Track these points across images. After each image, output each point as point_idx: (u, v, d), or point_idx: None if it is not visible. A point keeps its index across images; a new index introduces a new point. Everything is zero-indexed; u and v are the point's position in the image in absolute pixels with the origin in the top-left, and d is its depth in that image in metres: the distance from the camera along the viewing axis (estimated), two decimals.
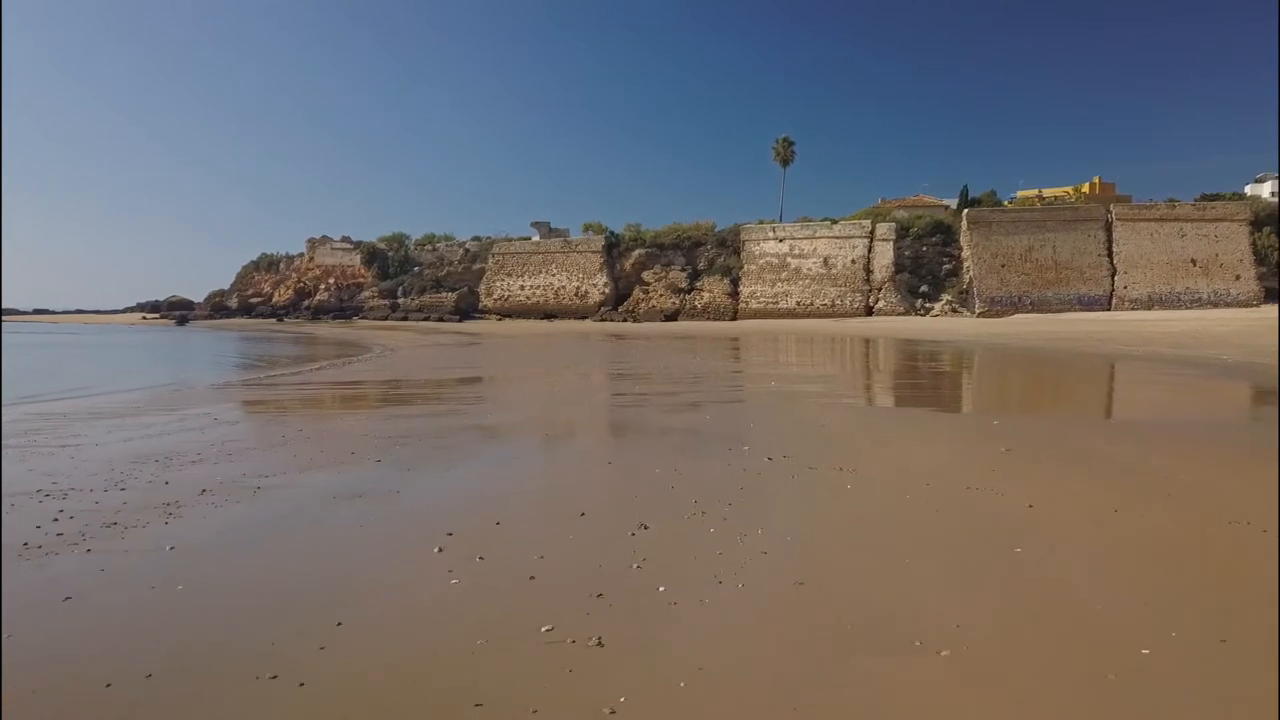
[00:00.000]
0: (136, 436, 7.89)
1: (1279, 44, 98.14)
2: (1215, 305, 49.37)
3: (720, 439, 7.60)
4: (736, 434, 7.91)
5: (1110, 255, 52.92)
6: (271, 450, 7.22)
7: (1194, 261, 51.73)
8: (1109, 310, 50.88)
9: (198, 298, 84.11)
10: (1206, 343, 23.04)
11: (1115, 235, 52.95)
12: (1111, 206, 54.10)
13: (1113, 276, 52.56)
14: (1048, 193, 64.87)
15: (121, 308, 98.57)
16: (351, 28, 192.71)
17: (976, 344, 27.23)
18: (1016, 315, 50.35)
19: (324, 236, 76.93)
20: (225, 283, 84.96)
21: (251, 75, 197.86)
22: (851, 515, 4.85)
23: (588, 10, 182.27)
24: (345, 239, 76.10)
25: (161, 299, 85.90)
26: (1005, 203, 61.61)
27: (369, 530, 4.59)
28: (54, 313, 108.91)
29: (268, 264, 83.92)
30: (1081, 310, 50.90)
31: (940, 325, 43.50)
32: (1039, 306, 51.89)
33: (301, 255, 79.30)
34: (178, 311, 75.68)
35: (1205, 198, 54.97)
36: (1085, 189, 63.42)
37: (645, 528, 4.47)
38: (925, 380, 16.31)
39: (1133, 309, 50.26)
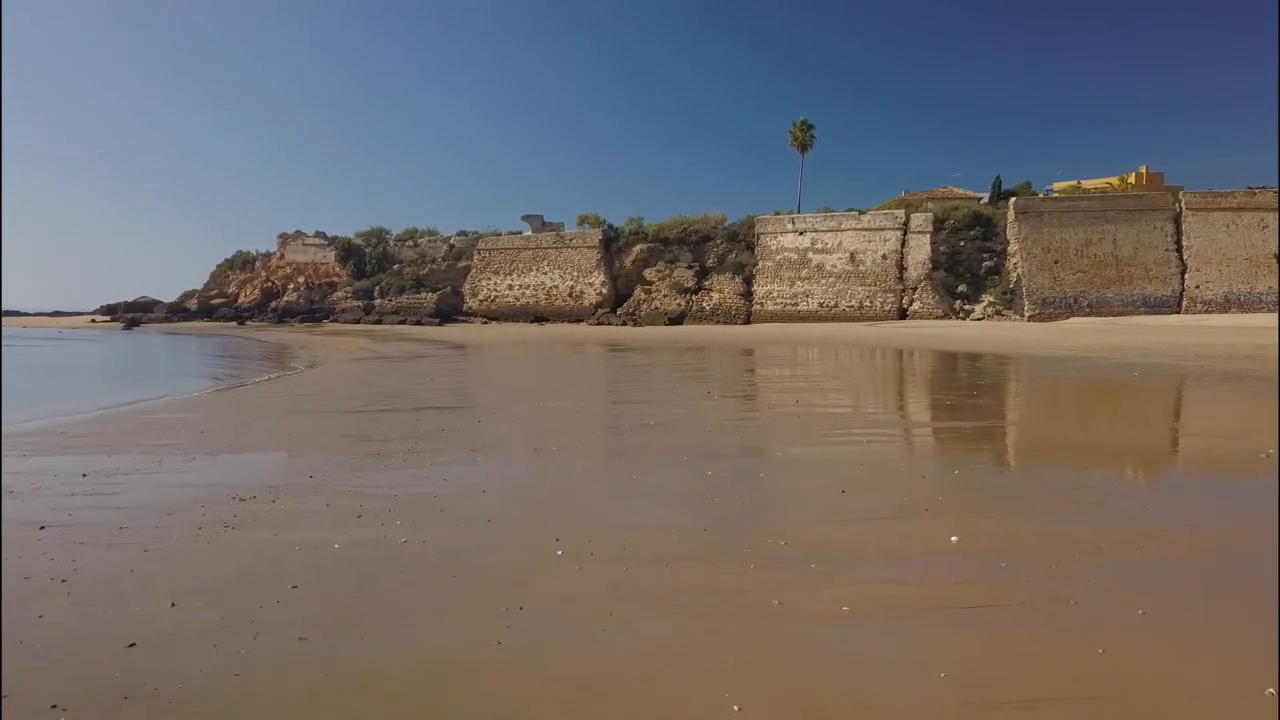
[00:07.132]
0: None
1: (1279, 46, 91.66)
2: None
3: None
4: None
5: (1179, 250, 46.16)
6: None
7: (1279, 258, 44.94)
8: (1179, 313, 44.21)
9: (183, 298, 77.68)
10: None
11: (1185, 227, 46.17)
12: (1181, 194, 47.30)
13: (1182, 275, 45.79)
14: (1088, 184, 58.10)
15: (93, 309, 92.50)
16: (339, 12, 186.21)
17: (1106, 361, 20.03)
18: (1073, 319, 43.72)
19: (297, 231, 70.53)
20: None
21: (252, 69, 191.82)
22: None
23: (591, 3, 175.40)
24: (319, 234, 69.67)
25: (133, 300, 79.38)
26: (1040, 195, 54.80)
27: None
28: (24, 315, 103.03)
29: (243, 262, 78.02)
30: (1147, 313, 44.25)
31: (1001, 332, 36.55)
32: (1097, 308, 45.22)
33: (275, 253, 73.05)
34: (130, 314, 69.19)
35: (1249, 191, 48.01)
36: (1131, 179, 56.70)
37: None
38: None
39: (1206, 311, 43.58)
